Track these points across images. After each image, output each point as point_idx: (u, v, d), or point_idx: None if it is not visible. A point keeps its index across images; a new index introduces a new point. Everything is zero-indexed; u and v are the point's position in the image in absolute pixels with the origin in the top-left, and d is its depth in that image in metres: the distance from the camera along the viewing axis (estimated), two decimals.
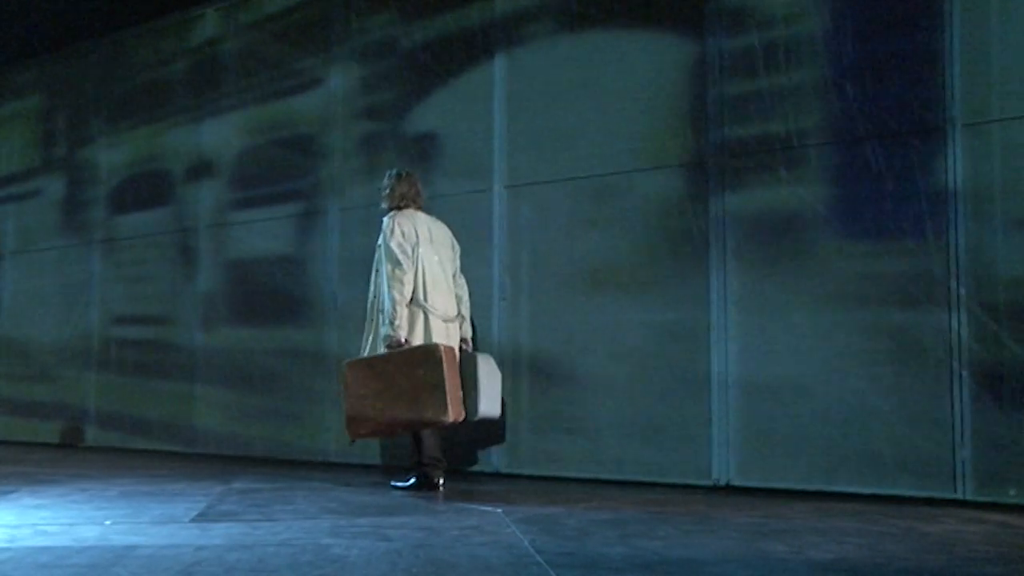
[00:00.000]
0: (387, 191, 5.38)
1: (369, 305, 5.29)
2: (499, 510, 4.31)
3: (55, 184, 8.91)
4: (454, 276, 5.40)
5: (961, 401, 4.56)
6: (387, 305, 5.04)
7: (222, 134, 7.63)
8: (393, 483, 5.25)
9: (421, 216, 5.31)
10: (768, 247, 5.12)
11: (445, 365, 4.79)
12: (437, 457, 5.14)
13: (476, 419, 5.18)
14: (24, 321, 8.97)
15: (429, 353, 4.86)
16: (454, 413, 4.82)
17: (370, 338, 5.23)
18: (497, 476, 5.86)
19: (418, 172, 5.70)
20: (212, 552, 3.25)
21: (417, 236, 5.15)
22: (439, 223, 5.43)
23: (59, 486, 5.24)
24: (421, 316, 5.08)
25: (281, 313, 7.06)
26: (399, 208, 5.28)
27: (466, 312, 5.44)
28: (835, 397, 4.86)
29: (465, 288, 5.48)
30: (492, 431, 5.82)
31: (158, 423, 7.75)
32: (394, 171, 5.48)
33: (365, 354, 5.20)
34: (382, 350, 5.05)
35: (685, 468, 5.27)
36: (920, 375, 4.66)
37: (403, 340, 4.99)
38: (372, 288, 5.28)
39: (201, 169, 7.76)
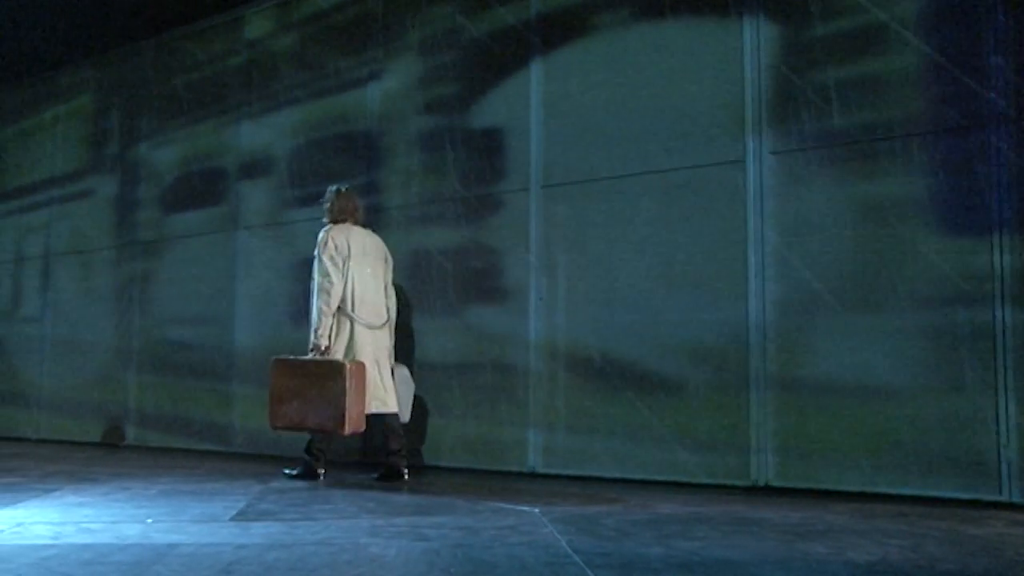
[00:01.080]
0: (327, 205, 5.81)
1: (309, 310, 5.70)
2: (536, 510, 4.30)
3: (107, 184, 8.95)
4: (386, 287, 5.82)
5: (1006, 401, 4.48)
6: (313, 314, 5.50)
7: (274, 132, 7.62)
8: (285, 470, 5.79)
9: (356, 230, 5.71)
10: (805, 245, 5.07)
11: (350, 383, 5.26)
12: (321, 449, 5.69)
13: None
14: (76, 321, 9.04)
15: (339, 369, 5.29)
16: (351, 427, 5.28)
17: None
18: (533, 476, 5.86)
19: (461, 169, 5.74)
20: (252, 551, 3.28)
21: (349, 249, 5.55)
22: (374, 236, 5.85)
23: (101, 484, 5.30)
24: (348, 324, 5.52)
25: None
26: (336, 222, 5.70)
27: (392, 323, 5.86)
28: (875, 396, 4.80)
29: (394, 300, 5.90)
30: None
31: (198, 422, 7.82)
32: (334, 187, 5.88)
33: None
34: (309, 355, 5.50)
35: (723, 468, 5.23)
36: (964, 374, 4.59)
37: (324, 348, 5.44)
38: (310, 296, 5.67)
39: (253, 168, 7.75)
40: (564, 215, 5.95)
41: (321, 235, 5.62)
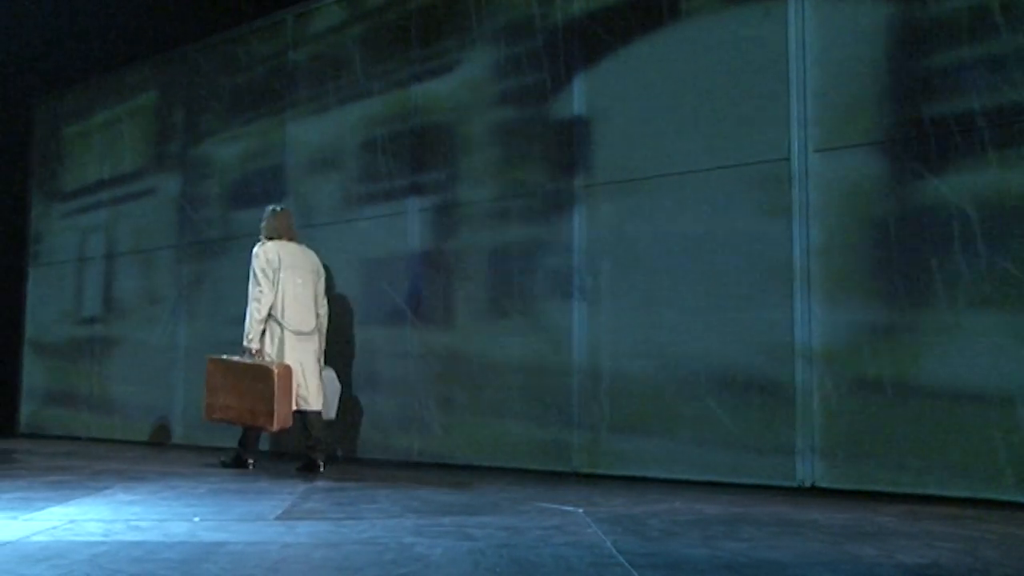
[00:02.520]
0: (264, 223, 6.38)
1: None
2: (580, 510, 4.29)
3: (169, 182, 8.92)
4: (316, 298, 6.40)
5: None
6: (246, 320, 6.07)
7: (338, 128, 7.53)
8: (221, 460, 6.41)
9: (289, 245, 6.30)
10: (849, 244, 5.00)
11: (277, 385, 5.81)
12: (252, 447, 6.29)
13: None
14: (133, 321, 9.08)
15: (267, 373, 5.85)
16: (278, 424, 5.87)
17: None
18: (577, 476, 5.84)
19: (502, 168, 5.76)
20: (298, 550, 3.30)
21: (280, 262, 6.14)
22: (308, 252, 6.46)
23: (150, 483, 5.38)
24: (277, 330, 6.11)
25: (392, 313, 7.02)
26: (270, 238, 6.28)
27: (323, 329, 6.49)
28: (925, 397, 4.72)
29: (325, 308, 6.53)
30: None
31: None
32: (270, 208, 6.46)
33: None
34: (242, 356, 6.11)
35: (769, 469, 5.18)
36: (1010, 373, 4.50)
37: (255, 351, 6.03)
38: None
39: (316, 165, 7.66)
40: (607, 214, 5.92)
41: (256, 249, 6.19)
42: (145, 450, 8.01)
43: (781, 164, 5.26)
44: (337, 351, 7.20)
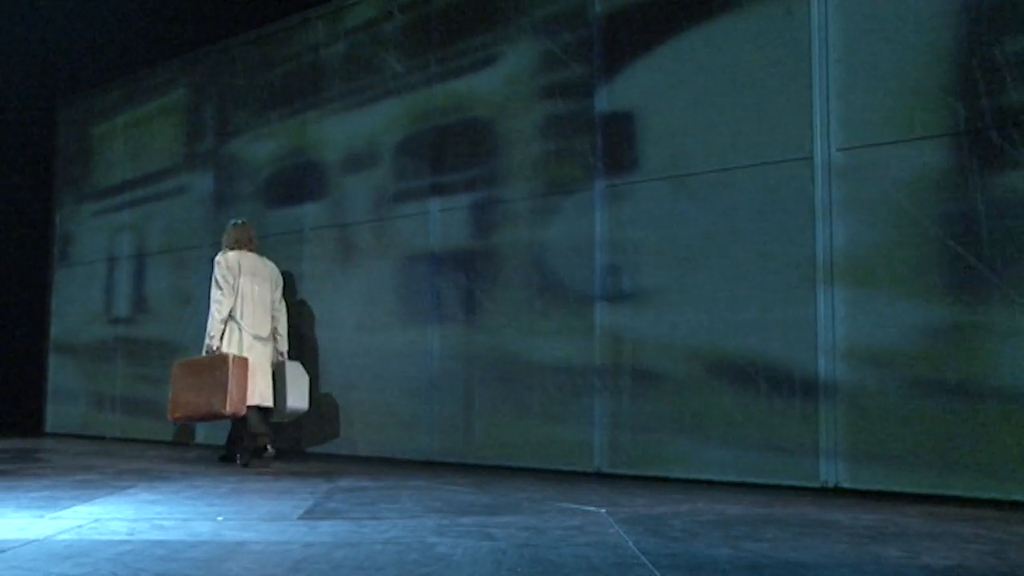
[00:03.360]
0: (225, 235, 7.01)
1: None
2: (603, 510, 4.28)
3: (202, 180, 8.90)
4: (274, 304, 6.94)
5: None
6: (208, 322, 6.59)
7: (375, 125, 7.46)
8: (240, 462, 6.55)
9: (249, 255, 6.86)
10: (873, 244, 4.97)
11: (231, 371, 6.25)
12: (261, 431, 6.49)
13: (287, 412, 6.80)
14: (162, 321, 9.10)
15: (222, 360, 6.33)
16: (232, 408, 6.23)
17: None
18: (600, 476, 5.83)
19: (522, 167, 5.76)
20: (319, 549, 3.31)
21: (240, 269, 6.68)
22: (266, 262, 7.00)
23: (173, 483, 5.41)
24: (236, 331, 6.61)
25: (414, 312, 7.01)
26: (231, 248, 6.84)
27: (283, 331, 7.02)
28: (950, 397, 4.67)
29: (283, 312, 7.06)
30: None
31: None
32: (231, 221, 7.10)
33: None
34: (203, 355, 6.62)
35: (792, 470, 5.15)
36: None
37: (216, 349, 6.50)
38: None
39: (358, 160, 7.58)
40: (630, 213, 5.90)
41: (217, 257, 6.73)
42: (168, 450, 8.06)
43: (804, 163, 5.23)
44: (352, 349, 7.24)
